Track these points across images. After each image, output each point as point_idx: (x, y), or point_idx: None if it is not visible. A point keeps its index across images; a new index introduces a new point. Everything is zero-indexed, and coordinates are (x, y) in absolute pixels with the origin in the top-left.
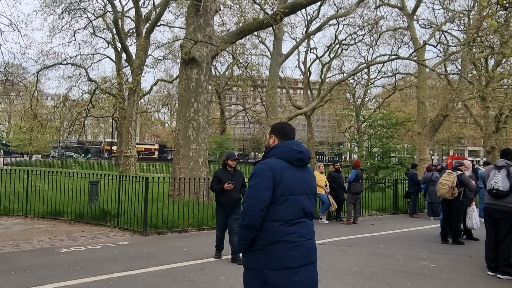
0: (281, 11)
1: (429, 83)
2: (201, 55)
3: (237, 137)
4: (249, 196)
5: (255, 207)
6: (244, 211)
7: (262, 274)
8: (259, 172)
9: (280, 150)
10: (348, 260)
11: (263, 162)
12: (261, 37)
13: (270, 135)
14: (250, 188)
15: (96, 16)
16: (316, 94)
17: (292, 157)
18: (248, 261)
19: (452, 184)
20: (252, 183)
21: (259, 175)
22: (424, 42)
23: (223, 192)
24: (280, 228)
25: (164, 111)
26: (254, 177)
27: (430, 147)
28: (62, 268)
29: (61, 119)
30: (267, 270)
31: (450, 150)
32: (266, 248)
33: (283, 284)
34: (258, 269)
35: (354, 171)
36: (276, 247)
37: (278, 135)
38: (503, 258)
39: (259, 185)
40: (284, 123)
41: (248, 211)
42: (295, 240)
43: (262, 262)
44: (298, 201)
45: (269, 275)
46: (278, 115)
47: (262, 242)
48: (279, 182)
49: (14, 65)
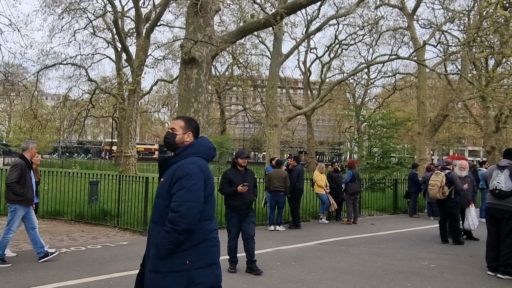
0: (281, 11)
1: (429, 83)
2: (201, 55)
3: (237, 137)
4: (187, 199)
5: (194, 210)
6: (182, 215)
7: (187, 275)
8: (193, 173)
9: (199, 148)
10: (348, 260)
11: (191, 162)
12: (261, 37)
13: (186, 131)
14: (187, 191)
15: (96, 16)
16: (316, 94)
17: (209, 155)
18: (169, 265)
19: (441, 184)
20: (188, 185)
21: (194, 176)
22: (424, 42)
23: (235, 195)
24: (208, 227)
25: (164, 111)
26: (188, 178)
27: (430, 147)
28: (62, 268)
29: (61, 119)
30: (193, 269)
31: (450, 150)
32: (194, 247)
33: (208, 280)
34: (182, 270)
35: (350, 171)
36: (202, 246)
37: (194, 132)
38: (503, 258)
39: (195, 187)
40: (193, 118)
41: (186, 214)
42: (216, 237)
43: (188, 263)
44: (214, 198)
45: (195, 274)
46: (278, 115)
47: (190, 242)
48: (207, 182)
49: (14, 65)
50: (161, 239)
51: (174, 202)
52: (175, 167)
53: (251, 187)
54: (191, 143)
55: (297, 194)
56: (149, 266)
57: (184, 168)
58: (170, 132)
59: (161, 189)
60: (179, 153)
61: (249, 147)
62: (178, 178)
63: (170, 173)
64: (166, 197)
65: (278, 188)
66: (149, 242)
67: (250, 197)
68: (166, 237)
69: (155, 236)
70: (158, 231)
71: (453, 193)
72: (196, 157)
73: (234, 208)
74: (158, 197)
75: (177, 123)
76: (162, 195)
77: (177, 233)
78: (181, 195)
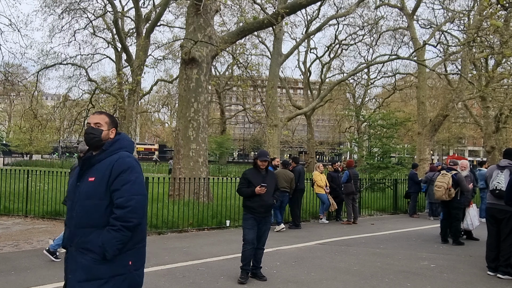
0: (282, 11)
1: (429, 83)
2: (201, 55)
3: (237, 137)
4: (136, 193)
5: (143, 203)
6: (133, 210)
7: (128, 278)
8: (134, 166)
9: (126, 143)
10: (348, 260)
11: (128, 156)
12: (261, 37)
13: (111, 127)
14: (133, 184)
15: (96, 16)
16: (316, 94)
17: (133, 149)
18: (113, 268)
19: (448, 185)
20: (133, 178)
21: (135, 169)
22: (424, 42)
23: (254, 197)
24: (144, 225)
25: (164, 111)
26: (131, 171)
27: (430, 147)
28: (62, 268)
29: (61, 119)
30: (134, 271)
31: (450, 150)
32: (135, 247)
33: (141, 281)
34: (125, 273)
35: (346, 171)
36: (141, 245)
37: (116, 128)
38: (503, 258)
39: (139, 180)
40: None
41: (137, 209)
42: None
43: (131, 264)
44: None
45: (135, 275)
46: (278, 115)
47: (132, 242)
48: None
49: (14, 65)
50: (109, 240)
51: (120, 198)
52: (108, 163)
53: (272, 190)
54: (118, 138)
55: (298, 195)
56: (78, 277)
57: (124, 162)
58: (95, 128)
59: (94, 189)
60: (106, 148)
61: (249, 147)
62: (119, 172)
63: (103, 170)
64: (104, 196)
65: (284, 188)
66: (72, 254)
67: (269, 200)
68: (116, 237)
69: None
70: (97, 235)
71: (458, 194)
72: (126, 152)
73: (251, 209)
74: (91, 199)
75: (102, 118)
76: (98, 195)
77: (128, 230)
78: (128, 190)
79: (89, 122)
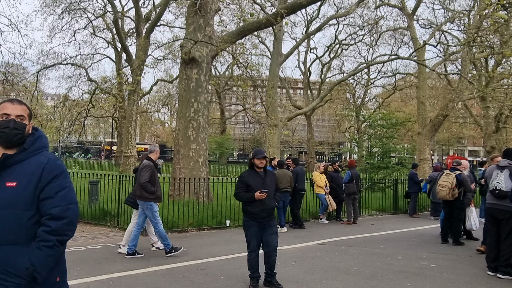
0: (281, 11)
1: (429, 83)
2: (201, 55)
3: (237, 137)
4: (71, 201)
5: (77, 213)
6: (70, 222)
7: None
8: (65, 171)
9: (46, 141)
10: (348, 260)
11: (56, 158)
12: (261, 37)
13: (29, 121)
14: (68, 191)
15: (96, 16)
16: (316, 94)
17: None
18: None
19: (452, 185)
20: (68, 185)
21: (67, 173)
22: (424, 42)
23: (254, 201)
24: None
25: (164, 111)
26: (64, 177)
27: (430, 147)
28: None
29: (61, 119)
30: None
31: (450, 150)
32: (60, 259)
33: None
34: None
35: (348, 172)
36: (63, 256)
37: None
38: (503, 258)
39: (72, 186)
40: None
41: (74, 220)
42: None
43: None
44: None
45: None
46: (278, 115)
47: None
48: None
49: (14, 65)
50: (42, 260)
51: (56, 207)
52: (35, 166)
53: (272, 191)
54: (39, 135)
55: (297, 195)
56: None
57: (56, 165)
58: (18, 122)
59: (16, 196)
60: (28, 147)
61: (249, 147)
62: (52, 177)
63: (28, 173)
64: (30, 206)
65: (286, 188)
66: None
67: (271, 203)
68: (51, 255)
69: (17, 263)
70: (20, 254)
71: (462, 194)
72: (47, 151)
73: (253, 215)
74: (12, 208)
75: (24, 110)
76: (22, 204)
77: (62, 245)
78: (63, 197)
79: (8, 113)
